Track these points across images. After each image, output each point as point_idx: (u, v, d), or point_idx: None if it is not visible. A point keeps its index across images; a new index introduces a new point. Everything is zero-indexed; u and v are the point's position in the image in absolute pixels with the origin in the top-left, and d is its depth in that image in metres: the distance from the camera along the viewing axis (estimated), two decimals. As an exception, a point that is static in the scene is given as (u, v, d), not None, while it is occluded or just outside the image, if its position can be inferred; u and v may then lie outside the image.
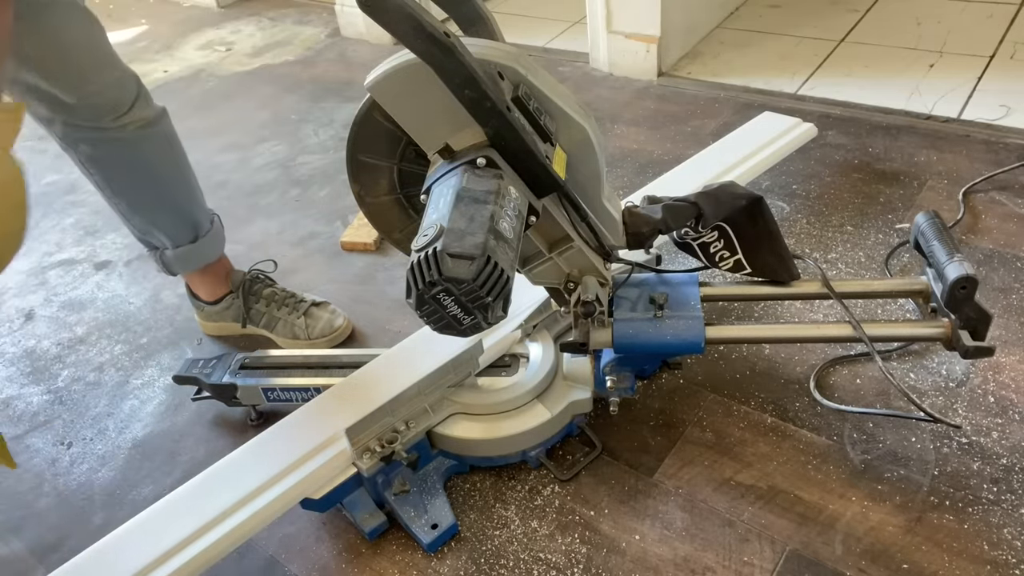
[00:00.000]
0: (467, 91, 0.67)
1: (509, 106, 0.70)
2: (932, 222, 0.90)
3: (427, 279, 0.62)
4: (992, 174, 1.41)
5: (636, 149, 1.66)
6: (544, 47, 2.25)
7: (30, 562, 0.98)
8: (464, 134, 0.72)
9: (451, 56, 0.65)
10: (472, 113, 0.69)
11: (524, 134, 0.70)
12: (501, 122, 0.69)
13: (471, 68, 0.66)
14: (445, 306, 0.64)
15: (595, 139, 0.79)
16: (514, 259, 0.66)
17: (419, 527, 0.90)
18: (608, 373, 0.93)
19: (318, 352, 1.10)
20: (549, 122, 0.75)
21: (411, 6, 0.63)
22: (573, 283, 0.87)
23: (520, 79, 0.74)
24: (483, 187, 0.68)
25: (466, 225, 0.64)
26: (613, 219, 0.86)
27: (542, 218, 0.81)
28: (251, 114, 2.09)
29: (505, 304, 0.65)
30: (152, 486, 1.06)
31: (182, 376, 1.13)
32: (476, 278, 0.61)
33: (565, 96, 0.78)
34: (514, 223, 0.67)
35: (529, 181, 0.74)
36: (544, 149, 0.73)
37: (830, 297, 0.95)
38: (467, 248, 0.62)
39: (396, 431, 0.92)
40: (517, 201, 0.70)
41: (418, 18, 0.63)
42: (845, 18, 2.09)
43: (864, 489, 0.91)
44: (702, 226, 0.91)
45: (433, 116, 0.73)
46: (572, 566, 0.87)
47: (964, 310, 0.85)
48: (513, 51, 0.76)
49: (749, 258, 0.94)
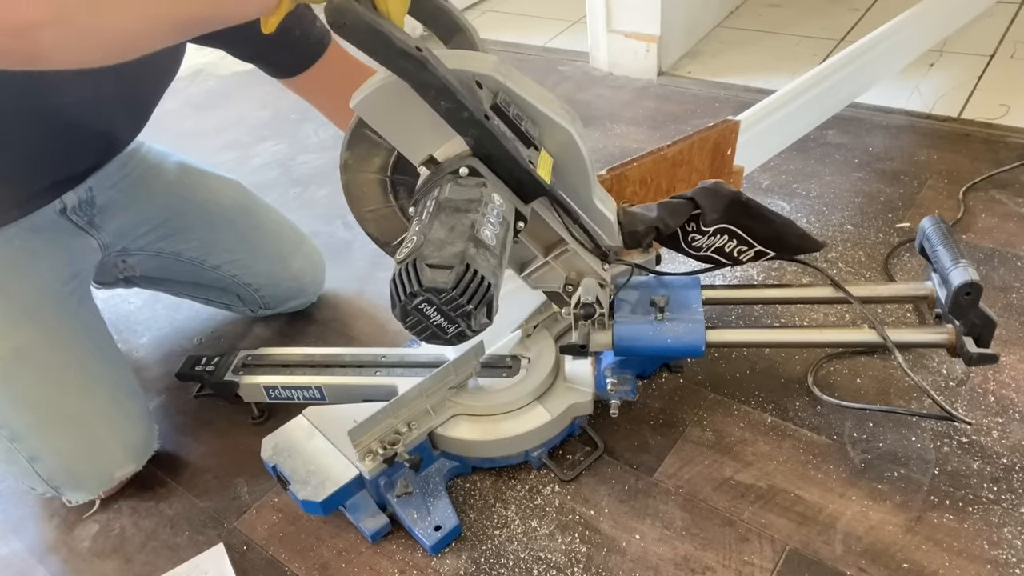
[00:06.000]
0: (443, 102, 0.68)
1: (488, 114, 0.70)
2: (937, 227, 0.90)
3: (408, 290, 0.63)
4: (992, 173, 1.41)
5: (636, 148, 1.66)
6: (544, 46, 2.25)
7: (30, 562, 0.98)
8: (449, 145, 0.73)
9: (424, 69, 0.66)
10: (450, 123, 0.70)
11: (505, 141, 0.71)
12: (480, 131, 0.70)
13: (445, 80, 0.67)
14: (428, 316, 0.64)
15: (579, 140, 0.79)
16: (497, 265, 0.66)
17: (422, 529, 0.90)
18: (609, 376, 0.93)
19: (320, 351, 1.11)
20: (531, 127, 0.76)
21: (381, 24, 0.65)
22: (571, 286, 0.87)
23: (499, 86, 0.75)
24: (465, 196, 0.68)
25: (446, 235, 0.64)
26: (607, 219, 0.86)
27: (535, 222, 0.81)
28: (251, 113, 2.09)
29: (489, 311, 0.65)
30: (153, 486, 1.06)
31: (184, 373, 1.13)
32: (456, 286, 0.62)
33: (546, 100, 0.78)
34: (497, 230, 0.68)
35: (514, 187, 0.74)
36: (527, 154, 0.74)
37: (837, 301, 0.95)
38: (446, 257, 0.62)
39: (398, 433, 0.92)
40: (501, 208, 0.70)
41: (388, 35, 0.64)
42: (845, 17, 2.09)
43: (864, 488, 0.91)
44: (704, 224, 0.90)
45: (418, 129, 0.74)
46: (572, 565, 0.87)
47: (968, 316, 0.85)
48: (491, 59, 0.76)
49: (768, 244, 0.92)
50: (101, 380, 1.01)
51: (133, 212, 1.15)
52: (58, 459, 0.97)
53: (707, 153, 1.16)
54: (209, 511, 1.01)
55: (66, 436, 0.97)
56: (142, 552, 0.97)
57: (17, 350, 0.94)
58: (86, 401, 0.99)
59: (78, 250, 1.08)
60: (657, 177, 1.11)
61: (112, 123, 1.02)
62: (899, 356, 0.86)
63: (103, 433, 1.00)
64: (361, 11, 0.64)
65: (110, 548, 0.98)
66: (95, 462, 1.00)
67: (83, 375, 0.99)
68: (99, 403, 1.00)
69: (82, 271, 1.07)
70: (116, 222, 1.13)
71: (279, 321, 1.33)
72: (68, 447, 0.97)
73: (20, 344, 0.95)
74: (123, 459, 1.01)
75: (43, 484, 0.99)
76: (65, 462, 0.98)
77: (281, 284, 1.28)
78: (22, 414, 0.95)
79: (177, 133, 2.05)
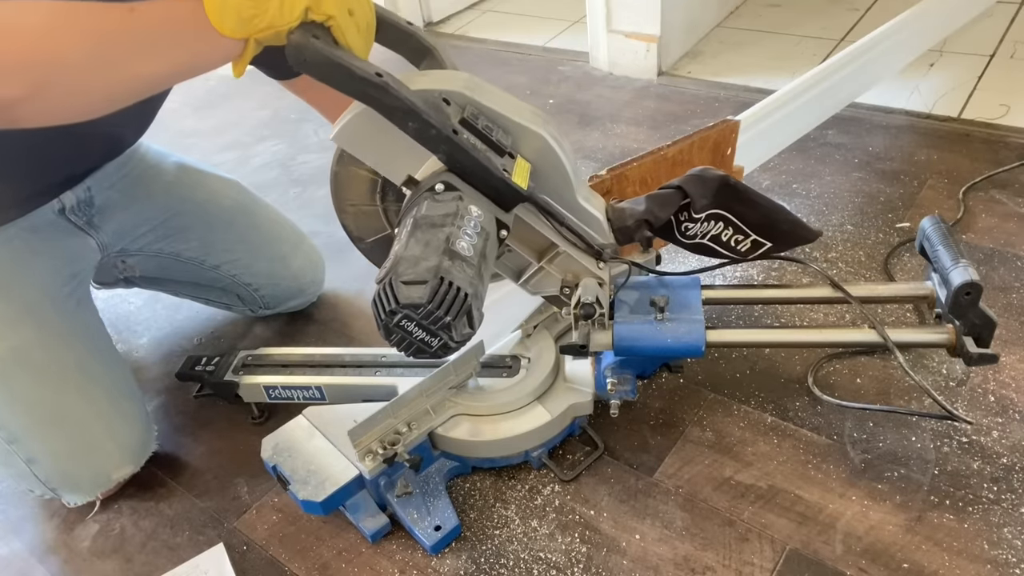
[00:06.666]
0: (410, 123, 0.71)
1: (456, 129, 0.72)
2: (937, 227, 0.90)
3: (387, 308, 0.64)
4: (992, 173, 1.41)
5: (636, 148, 1.66)
6: (544, 46, 2.25)
7: (30, 562, 0.98)
8: (428, 164, 0.76)
9: (387, 93, 0.69)
10: (420, 142, 0.72)
11: (475, 153, 0.73)
12: (450, 146, 0.72)
13: (408, 101, 0.69)
14: (411, 332, 0.66)
15: (554, 143, 0.81)
16: (474, 275, 0.67)
17: (422, 529, 0.90)
18: (609, 376, 0.93)
19: (320, 351, 1.11)
20: (503, 136, 0.78)
21: (339, 56, 0.68)
22: (568, 288, 0.88)
23: (467, 101, 0.77)
24: (441, 211, 0.70)
25: (421, 251, 0.66)
26: (595, 218, 0.87)
27: (522, 229, 0.83)
28: (251, 113, 2.09)
29: (470, 320, 0.66)
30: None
31: (184, 374, 1.13)
32: (431, 300, 0.63)
33: (516, 108, 0.80)
34: (475, 240, 0.69)
35: (492, 196, 0.76)
36: (501, 163, 0.75)
37: (837, 301, 0.95)
38: (420, 273, 0.64)
39: (398, 433, 0.92)
40: (479, 218, 0.72)
41: (347, 66, 0.68)
42: (845, 17, 2.09)
43: (864, 488, 0.91)
44: (694, 211, 0.89)
45: (395, 152, 0.76)
46: (572, 565, 0.87)
47: (968, 316, 0.85)
48: (458, 76, 0.79)
49: (763, 233, 0.91)
50: (99, 381, 1.01)
51: (132, 212, 1.15)
52: (55, 461, 0.97)
53: (707, 153, 1.16)
54: (209, 511, 1.01)
55: (63, 437, 0.97)
56: (142, 552, 0.97)
57: (15, 350, 0.94)
58: (84, 402, 0.99)
59: (77, 250, 1.08)
60: (657, 177, 1.11)
61: (120, 124, 1.02)
62: (900, 356, 0.86)
63: (100, 434, 0.99)
64: (319, 46, 0.68)
65: (110, 548, 0.98)
66: (92, 464, 0.99)
67: (81, 376, 0.99)
68: (97, 404, 1.00)
69: (81, 271, 1.07)
70: (115, 222, 1.13)
71: (279, 321, 1.33)
72: (65, 448, 0.97)
73: (18, 344, 0.95)
74: (120, 460, 1.01)
75: (41, 486, 0.99)
76: (62, 464, 0.98)
77: (281, 283, 1.28)
78: (20, 415, 0.95)
79: (177, 133, 2.05)
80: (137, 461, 1.04)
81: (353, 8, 0.71)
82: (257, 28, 0.68)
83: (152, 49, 0.68)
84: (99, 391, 1.00)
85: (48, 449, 0.97)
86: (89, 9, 0.65)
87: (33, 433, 0.96)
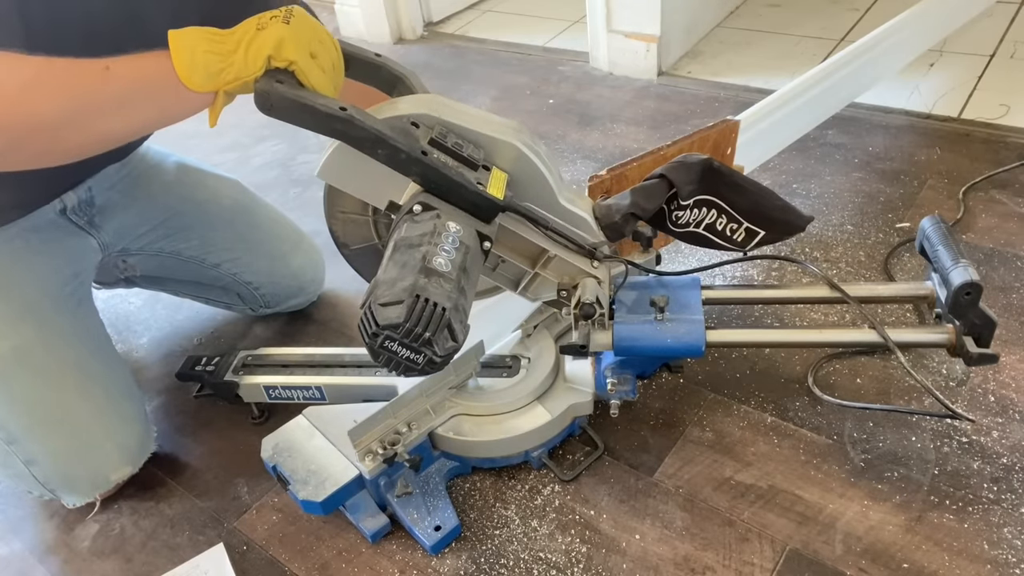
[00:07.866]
0: (380, 150, 0.73)
1: (425, 150, 0.74)
2: (937, 227, 0.90)
3: (370, 331, 0.66)
4: (992, 173, 1.41)
5: (636, 148, 1.66)
6: (544, 46, 2.25)
7: (30, 562, 0.98)
8: (409, 188, 0.78)
9: (352, 125, 0.72)
10: (393, 167, 0.74)
11: (447, 170, 0.74)
12: (421, 167, 0.74)
13: (374, 129, 0.72)
14: (396, 352, 0.67)
15: (528, 151, 0.82)
16: (452, 290, 0.68)
17: (422, 529, 0.90)
18: (609, 376, 0.93)
19: (320, 351, 1.11)
20: (474, 151, 0.79)
21: (303, 96, 0.71)
22: (565, 290, 0.88)
23: (435, 121, 0.79)
24: (418, 231, 0.72)
25: (397, 272, 0.68)
26: (582, 218, 0.87)
27: (510, 238, 0.84)
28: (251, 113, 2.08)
29: (452, 333, 0.67)
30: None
31: (184, 374, 1.13)
32: (407, 319, 0.64)
33: (484, 121, 0.82)
34: (452, 256, 0.71)
35: (470, 210, 0.77)
36: (475, 177, 0.77)
37: (837, 301, 0.95)
38: (396, 293, 0.65)
39: (398, 433, 0.92)
40: (458, 233, 0.73)
41: (311, 104, 0.71)
42: (845, 17, 2.09)
43: (864, 488, 0.91)
44: (682, 198, 0.88)
45: (376, 181, 0.79)
46: (572, 565, 0.87)
47: (968, 316, 0.84)
48: (425, 99, 0.81)
49: (756, 221, 0.91)
50: (98, 381, 1.01)
51: (133, 212, 1.15)
52: (54, 462, 0.97)
53: (707, 153, 1.16)
54: (209, 511, 1.01)
55: (62, 438, 0.97)
56: (142, 552, 0.97)
57: (16, 349, 0.94)
58: (83, 402, 0.99)
59: (78, 250, 1.08)
60: (657, 177, 1.11)
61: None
62: (901, 356, 0.86)
63: (99, 435, 0.99)
64: (283, 90, 0.71)
65: (110, 548, 0.98)
66: (90, 465, 0.99)
67: (80, 376, 0.99)
68: (95, 404, 1.00)
69: (82, 271, 1.07)
70: (116, 222, 1.13)
71: (279, 321, 1.33)
72: (63, 449, 0.97)
73: (19, 343, 0.95)
74: (118, 461, 1.01)
75: (40, 487, 0.99)
76: (60, 465, 0.98)
77: (281, 282, 1.28)
78: (19, 415, 0.95)
79: (177, 134, 2.02)
80: (135, 462, 1.03)
81: (316, 51, 0.74)
82: (224, 81, 0.72)
83: (125, 106, 0.71)
84: (99, 391, 1.00)
85: (47, 450, 0.97)
86: (67, 67, 0.67)
87: (32, 434, 0.96)
